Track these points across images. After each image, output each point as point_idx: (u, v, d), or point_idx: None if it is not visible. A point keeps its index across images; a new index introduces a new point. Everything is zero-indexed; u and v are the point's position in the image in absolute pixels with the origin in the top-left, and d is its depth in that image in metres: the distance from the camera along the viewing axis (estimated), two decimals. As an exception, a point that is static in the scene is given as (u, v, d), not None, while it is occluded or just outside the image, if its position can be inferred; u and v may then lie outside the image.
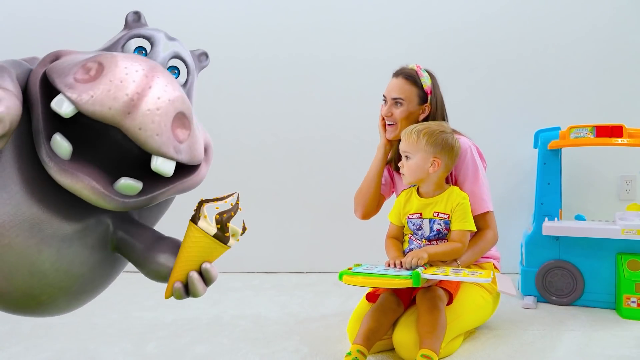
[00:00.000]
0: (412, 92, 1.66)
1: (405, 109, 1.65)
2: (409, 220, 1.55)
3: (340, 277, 1.39)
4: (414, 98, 1.66)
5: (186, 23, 2.56)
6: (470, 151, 1.61)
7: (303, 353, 1.48)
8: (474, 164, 1.61)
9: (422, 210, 1.52)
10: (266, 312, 1.90)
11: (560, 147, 1.99)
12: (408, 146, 1.50)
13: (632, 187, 2.35)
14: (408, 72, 1.68)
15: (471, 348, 1.50)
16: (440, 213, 1.50)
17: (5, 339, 1.63)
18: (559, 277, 1.91)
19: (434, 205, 1.51)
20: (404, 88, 1.66)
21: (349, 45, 2.53)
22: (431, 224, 1.51)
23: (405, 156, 1.52)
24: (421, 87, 1.66)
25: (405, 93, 1.66)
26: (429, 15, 2.48)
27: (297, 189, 2.60)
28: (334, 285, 2.29)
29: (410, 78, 1.67)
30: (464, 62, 2.44)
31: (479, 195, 1.58)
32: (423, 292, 1.44)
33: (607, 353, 1.45)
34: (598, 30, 2.37)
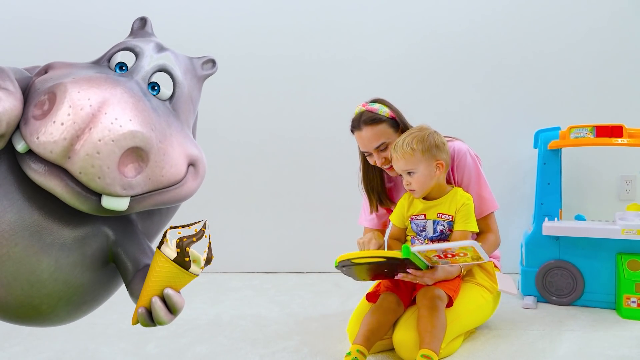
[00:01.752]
0: (385, 129, 1.58)
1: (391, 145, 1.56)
2: (412, 221, 1.55)
3: (336, 263, 1.40)
4: (391, 134, 1.58)
5: (187, 23, 2.56)
6: (469, 154, 1.62)
7: (303, 353, 1.48)
8: (476, 166, 1.61)
9: (425, 212, 1.53)
10: (266, 312, 1.90)
11: (560, 147, 1.99)
12: (407, 163, 1.46)
13: (632, 187, 2.35)
14: (367, 117, 1.58)
15: (471, 348, 1.50)
16: (444, 214, 1.51)
17: (5, 339, 1.63)
18: (559, 277, 1.91)
19: (438, 206, 1.51)
20: (377, 132, 1.57)
21: (349, 45, 2.53)
22: (435, 225, 1.52)
23: (407, 173, 1.48)
24: (386, 119, 1.58)
25: (382, 135, 1.57)
26: (429, 17, 2.48)
27: (297, 189, 2.60)
28: (334, 285, 2.29)
29: (373, 120, 1.57)
30: (464, 63, 2.44)
31: (485, 197, 1.60)
32: (423, 292, 1.44)
33: (607, 353, 1.45)
34: (598, 30, 2.37)
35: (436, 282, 1.45)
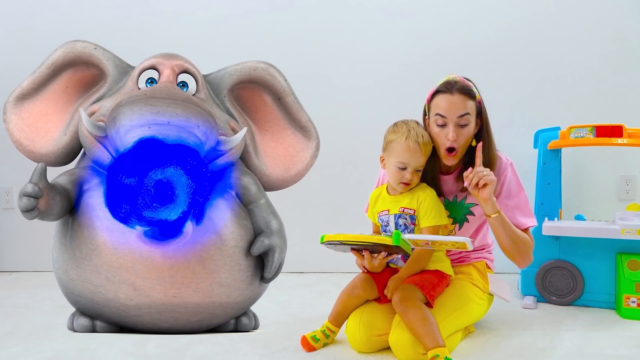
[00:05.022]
0: (472, 106, 1.50)
1: (470, 129, 1.50)
2: (379, 217, 1.55)
3: (322, 239, 1.39)
4: (474, 113, 1.50)
5: (187, 23, 2.56)
6: (511, 167, 1.59)
7: (303, 353, 1.48)
8: (516, 178, 1.59)
9: (389, 207, 1.52)
10: (266, 312, 1.90)
11: (560, 147, 1.99)
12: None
13: (632, 187, 2.35)
14: (467, 88, 1.50)
15: (471, 348, 1.50)
16: (406, 208, 1.49)
17: (5, 339, 1.63)
18: (559, 277, 1.91)
19: (400, 201, 1.50)
20: (467, 104, 1.48)
21: (349, 45, 2.53)
22: (396, 219, 1.50)
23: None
24: (475, 100, 1.51)
25: (471, 109, 1.49)
26: (429, 16, 2.48)
27: (297, 188, 2.60)
28: (334, 285, 2.29)
29: (469, 92, 1.50)
30: (464, 63, 2.44)
31: (524, 208, 1.56)
32: (394, 297, 1.41)
33: (607, 353, 1.45)
34: (598, 30, 2.37)
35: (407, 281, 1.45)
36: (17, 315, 1.92)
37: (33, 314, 1.92)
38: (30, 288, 2.35)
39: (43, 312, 1.93)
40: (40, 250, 2.71)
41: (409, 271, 1.47)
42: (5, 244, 2.77)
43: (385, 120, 2.44)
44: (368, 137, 2.53)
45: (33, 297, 2.16)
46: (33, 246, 2.72)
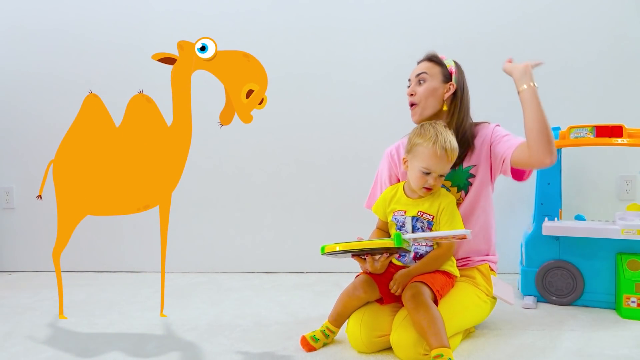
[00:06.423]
0: (435, 69, 1.66)
1: (429, 85, 1.64)
2: (394, 216, 1.54)
3: (322, 250, 1.38)
4: (437, 75, 1.65)
5: (188, 23, 2.56)
6: (497, 125, 1.67)
7: (303, 353, 1.48)
8: (502, 130, 1.65)
9: (407, 208, 1.52)
10: (266, 312, 1.90)
11: (560, 147, 1.99)
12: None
13: (632, 187, 2.35)
14: (431, 55, 1.69)
15: (471, 348, 1.50)
16: (425, 213, 1.49)
17: (5, 339, 1.64)
18: (559, 277, 1.91)
19: (420, 205, 1.50)
20: (427, 66, 1.67)
21: (349, 45, 2.53)
22: (414, 222, 1.50)
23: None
24: (444, 67, 1.66)
25: (429, 69, 1.65)
26: (429, 16, 2.48)
27: (297, 188, 2.60)
28: (334, 285, 2.29)
29: (434, 59, 1.68)
30: (464, 63, 2.43)
31: (513, 138, 1.61)
32: (405, 293, 1.42)
33: (607, 353, 1.45)
34: (598, 30, 2.37)
35: (417, 278, 1.45)
36: (17, 315, 1.92)
37: (33, 314, 1.92)
38: (30, 288, 2.35)
39: (43, 312, 1.93)
40: (40, 250, 2.71)
41: (421, 270, 1.47)
42: (5, 244, 2.77)
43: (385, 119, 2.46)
44: (367, 136, 2.54)
45: (33, 297, 2.16)
46: (33, 246, 2.72)
